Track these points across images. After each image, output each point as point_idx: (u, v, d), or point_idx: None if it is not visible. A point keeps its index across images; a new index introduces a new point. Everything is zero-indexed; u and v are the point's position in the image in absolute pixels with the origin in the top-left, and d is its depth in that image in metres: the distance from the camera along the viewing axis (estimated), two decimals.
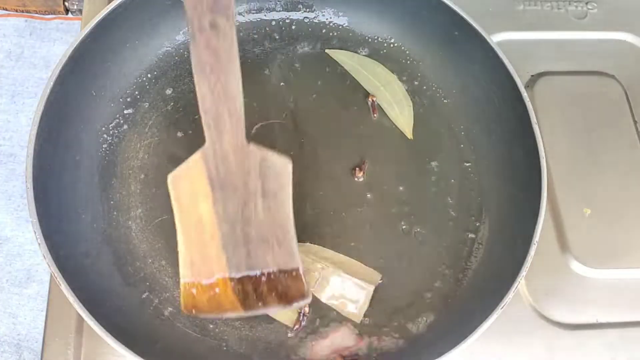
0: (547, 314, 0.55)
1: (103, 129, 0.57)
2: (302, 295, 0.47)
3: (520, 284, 0.50)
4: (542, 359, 0.54)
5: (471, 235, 0.56)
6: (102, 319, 0.44)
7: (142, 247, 0.53)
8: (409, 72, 0.63)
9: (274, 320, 0.51)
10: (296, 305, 0.47)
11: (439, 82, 0.63)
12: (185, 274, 0.46)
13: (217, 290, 0.46)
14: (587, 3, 0.71)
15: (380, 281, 0.54)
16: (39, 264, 0.94)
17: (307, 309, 0.51)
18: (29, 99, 1.06)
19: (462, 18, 0.58)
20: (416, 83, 0.63)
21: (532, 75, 0.66)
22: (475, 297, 0.52)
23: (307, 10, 0.64)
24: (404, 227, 0.56)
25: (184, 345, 0.50)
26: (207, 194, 0.45)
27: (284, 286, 0.47)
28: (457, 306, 0.53)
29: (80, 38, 0.53)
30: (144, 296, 0.51)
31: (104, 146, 0.56)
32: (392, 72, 0.62)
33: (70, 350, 0.50)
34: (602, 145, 0.63)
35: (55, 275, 0.45)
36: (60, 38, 1.11)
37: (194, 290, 0.46)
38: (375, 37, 0.64)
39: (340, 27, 0.64)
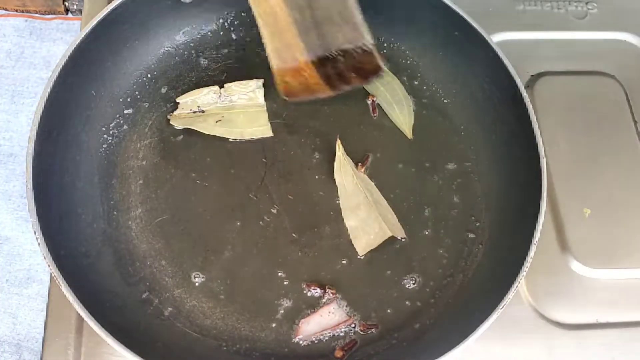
0: (547, 314, 0.55)
1: (103, 129, 0.57)
2: (377, 69, 0.54)
3: (520, 284, 0.50)
4: (542, 359, 0.54)
5: (471, 235, 0.56)
6: (102, 319, 0.44)
7: (142, 247, 0.53)
8: (409, 72, 0.63)
9: (274, 320, 0.51)
10: (373, 78, 0.55)
11: (439, 82, 0.63)
12: (275, 61, 0.54)
13: (305, 74, 0.53)
14: (587, 3, 0.71)
15: (403, 239, 0.55)
16: (39, 264, 0.94)
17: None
18: (29, 99, 1.05)
19: (462, 18, 0.58)
20: (416, 83, 0.63)
21: (532, 75, 0.66)
22: (475, 297, 0.52)
23: None
24: (404, 226, 0.56)
25: (184, 345, 0.50)
26: None
27: (359, 62, 0.53)
28: (457, 306, 0.53)
29: (80, 38, 0.53)
30: (144, 296, 0.51)
31: (104, 146, 0.56)
32: (392, 72, 0.62)
33: (70, 350, 0.50)
34: (602, 145, 0.63)
35: (55, 275, 0.45)
36: (60, 38, 1.10)
37: (287, 78, 0.54)
38: (375, 37, 0.64)
39: None
